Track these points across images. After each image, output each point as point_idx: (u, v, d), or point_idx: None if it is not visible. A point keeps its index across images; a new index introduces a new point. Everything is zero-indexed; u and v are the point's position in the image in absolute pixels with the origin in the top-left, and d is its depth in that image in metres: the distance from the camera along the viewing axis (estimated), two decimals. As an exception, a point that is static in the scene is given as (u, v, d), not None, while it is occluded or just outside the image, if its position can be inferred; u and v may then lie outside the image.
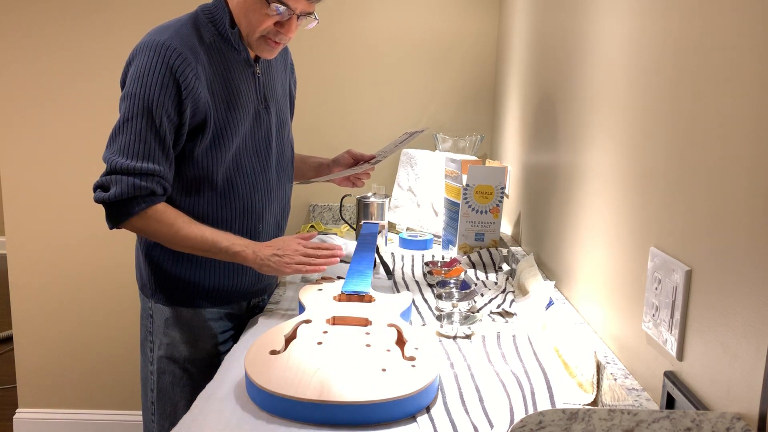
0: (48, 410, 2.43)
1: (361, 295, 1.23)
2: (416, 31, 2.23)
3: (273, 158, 1.39)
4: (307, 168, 1.64)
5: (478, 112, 2.29)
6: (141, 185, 1.18)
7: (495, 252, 1.70)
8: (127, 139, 1.18)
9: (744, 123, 0.67)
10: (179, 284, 1.32)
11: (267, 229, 1.39)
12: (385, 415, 0.89)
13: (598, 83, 1.15)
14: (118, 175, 1.18)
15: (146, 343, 1.36)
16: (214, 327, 1.35)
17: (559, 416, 0.64)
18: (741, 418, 0.65)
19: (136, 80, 1.18)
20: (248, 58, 1.32)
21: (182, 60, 1.19)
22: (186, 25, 1.24)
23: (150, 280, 1.34)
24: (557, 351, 1.11)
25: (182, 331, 1.32)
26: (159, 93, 1.17)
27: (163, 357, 1.33)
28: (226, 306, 1.37)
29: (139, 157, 1.18)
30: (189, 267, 1.31)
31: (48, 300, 2.36)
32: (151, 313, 1.34)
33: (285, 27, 1.26)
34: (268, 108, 1.37)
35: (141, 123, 1.18)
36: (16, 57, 2.22)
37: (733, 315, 0.68)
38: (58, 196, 2.29)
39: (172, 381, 1.33)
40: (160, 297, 1.33)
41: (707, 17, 0.76)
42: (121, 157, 1.17)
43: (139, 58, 1.19)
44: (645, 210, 0.92)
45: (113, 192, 1.17)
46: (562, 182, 1.35)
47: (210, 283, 1.33)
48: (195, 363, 1.33)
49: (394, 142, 1.57)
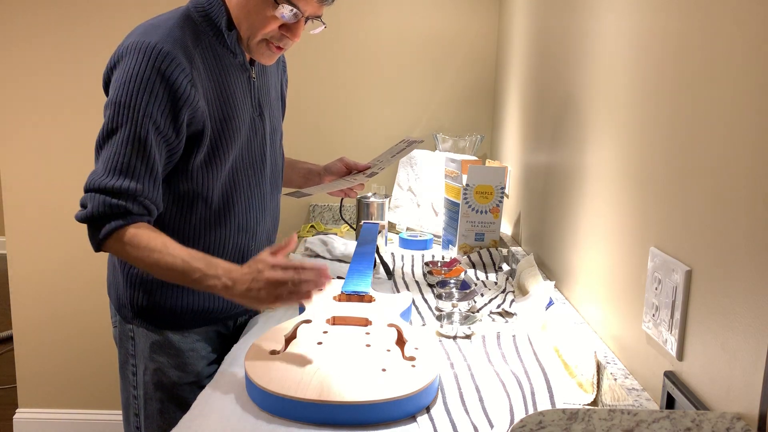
0: (48, 410, 2.43)
1: (361, 295, 1.23)
2: (416, 31, 2.23)
3: (267, 169, 1.30)
4: (296, 175, 1.53)
5: (478, 112, 2.29)
6: (112, 203, 1.06)
7: (495, 252, 1.70)
8: (108, 153, 1.07)
9: (744, 123, 0.67)
10: (166, 308, 1.22)
11: (258, 245, 1.31)
12: (385, 415, 0.89)
13: (598, 83, 1.15)
14: (93, 192, 1.07)
15: (127, 366, 1.26)
16: (203, 348, 1.26)
17: (559, 416, 0.64)
18: (741, 418, 0.65)
19: (120, 87, 1.06)
20: (244, 62, 1.22)
21: (176, 65, 1.07)
22: (178, 23, 1.12)
23: (131, 304, 1.22)
24: (557, 351, 1.11)
25: (170, 356, 1.23)
26: (147, 102, 1.06)
27: (149, 383, 1.23)
28: (213, 326, 1.29)
29: (116, 173, 1.07)
30: (176, 289, 1.21)
31: (48, 300, 2.36)
32: (132, 335, 1.24)
33: (291, 31, 1.15)
34: (263, 115, 1.28)
35: (122, 135, 1.06)
36: (17, 58, 2.22)
37: (733, 315, 0.68)
38: (58, 196, 2.29)
39: (161, 408, 1.23)
40: (142, 321, 1.22)
41: (708, 17, 0.76)
42: (98, 174, 1.07)
43: (126, 62, 1.07)
44: (645, 210, 0.92)
45: (87, 210, 1.07)
46: (562, 182, 1.35)
47: (198, 304, 1.23)
48: (184, 387, 1.24)
49: (391, 151, 1.48)
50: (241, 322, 1.37)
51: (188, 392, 1.23)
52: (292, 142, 2.24)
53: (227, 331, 1.34)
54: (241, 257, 1.26)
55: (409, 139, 1.48)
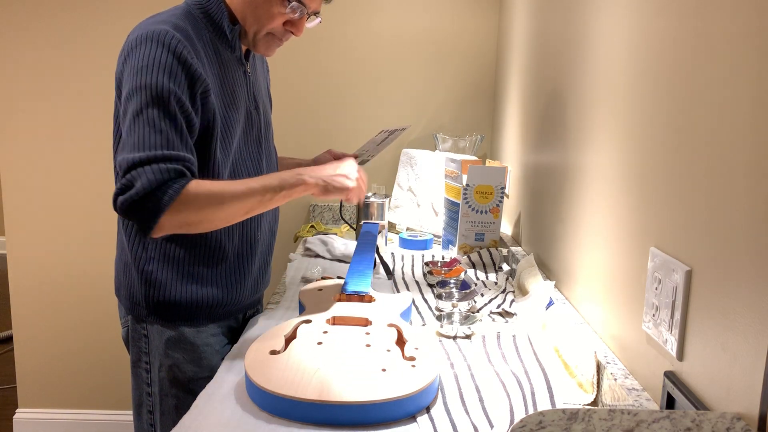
0: (48, 410, 2.43)
1: (361, 295, 1.23)
2: (416, 31, 2.23)
3: (264, 162, 1.33)
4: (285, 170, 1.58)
5: (478, 112, 2.29)
6: (168, 168, 1.03)
7: (495, 252, 1.70)
8: (140, 134, 1.04)
9: (744, 123, 0.67)
10: (181, 302, 1.22)
11: (264, 236, 1.34)
12: (385, 415, 0.88)
13: (598, 83, 1.15)
14: (138, 168, 1.02)
15: (140, 364, 1.26)
16: (217, 342, 1.28)
17: (559, 416, 0.64)
18: (741, 418, 0.65)
19: (138, 73, 1.06)
20: (241, 57, 1.25)
21: (188, 51, 1.09)
22: (181, 18, 1.14)
23: (146, 301, 1.22)
24: (557, 351, 1.11)
25: (185, 351, 1.24)
26: (167, 81, 1.05)
27: (165, 379, 1.24)
28: (225, 320, 1.31)
29: (158, 147, 1.04)
30: (191, 283, 1.22)
31: (48, 300, 2.36)
32: (146, 333, 1.24)
33: (295, 26, 1.20)
34: (258, 109, 1.31)
35: (152, 113, 1.05)
36: (16, 57, 2.22)
37: (733, 315, 0.68)
38: (58, 196, 2.29)
39: (177, 404, 1.24)
40: (157, 318, 1.23)
41: (707, 17, 0.76)
42: (138, 150, 1.03)
43: (140, 50, 1.07)
44: (645, 210, 0.92)
45: (139, 186, 1.01)
46: (562, 182, 1.35)
47: (212, 298, 1.25)
48: (200, 382, 1.23)
49: (374, 141, 1.50)
50: (250, 315, 1.40)
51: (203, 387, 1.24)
52: (292, 141, 2.24)
53: (238, 325, 1.36)
54: (249, 246, 1.30)
55: (389, 129, 1.50)
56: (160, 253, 1.21)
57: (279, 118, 2.10)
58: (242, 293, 1.31)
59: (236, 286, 1.29)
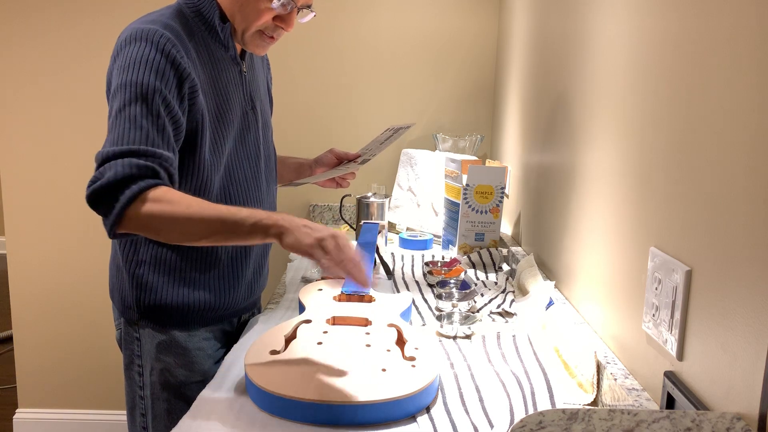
0: (48, 410, 2.43)
1: (361, 295, 1.23)
2: (416, 31, 2.23)
3: (262, 163, 1.31)
4: (287, 170, 1.54)
5: (478, 112, 2.29)
6: (140, 163, 1.00)
7: (495, 252, 1.70)
8: (120, 130, 1.02)
9: (744, 123, 0.67)
10: (172, 307, 1.20)
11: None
12: (385, 415, 0.89)
13: (598, 83, 1.15)
14: (111, 161, 1.00)
15: (133, 366, 1.24)
16: (209, 346, 1.26)
17: (559, 416, 0.64)
18: (741, 418, 0.65)
19: (125, 70, 1.04)
20: (235, 56, 1.23)
21: (177, 50, 1.07)
22: (172, 18, 1.12)
23: (136, 304, 1.21)
24: (557, 351, 1.11)
25: (176, 356, 1.22)
26: (154, 79, 1.04)
27: (156, 383, 1.22)
28: (218, 324, 1.29)
29: (135, 142, 1.01)
30: (182, 287, 1.20)
31: (48, 300, 2.36)
32: (138, 336, 1.22)
33: (285, 21, 1.17)
34: (255, 109, 1.29)
35: (135, 110, 1.03)
36: (16, 56, 2.22)
37: (733, 315, 0.68)
38: (58, 196, 2.29)
39: (168, 408, 1.23)
40: (148, 321, 1.21)
41: (707, 17, 0.76)
42: (116, 143, 1.01)
43: (129, 49, 1.06)
44: (645, 210, 0.92)
45: (104, 179, 0.98)
46: (562, 182, 1.35)
47: (204, 302, 1.23)
48: (192, 386, 1.23)
49: (378, 140, 1.49)
50: (245, 319, 1.37)
51: (195, 391, 1.22)
52: (291, 142, 2.24)
53: (232, 329, 1.34)
54: (243, 250, 1.27)
55: (395, 127, 1.49)
56: (151, 256, 1.19)
57: (279, 118, 2.10)
58: (235, 297, 1.28)
59: (229, 290, 1.26)
